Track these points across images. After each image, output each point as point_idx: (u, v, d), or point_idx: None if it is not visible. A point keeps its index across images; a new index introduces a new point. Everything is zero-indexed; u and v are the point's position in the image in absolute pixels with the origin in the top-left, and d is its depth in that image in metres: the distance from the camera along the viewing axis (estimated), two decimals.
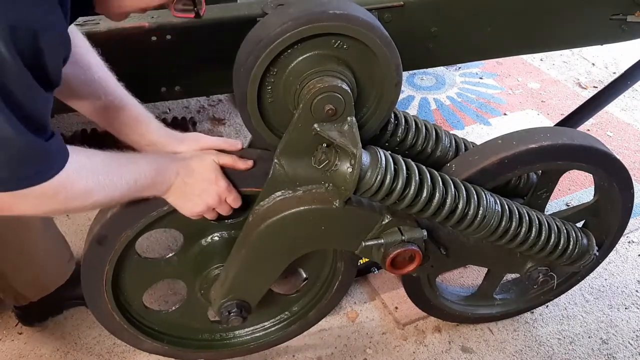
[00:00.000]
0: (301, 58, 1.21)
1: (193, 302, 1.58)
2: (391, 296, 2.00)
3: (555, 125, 2.06)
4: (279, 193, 1.32)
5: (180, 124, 2.63)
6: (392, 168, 1.24)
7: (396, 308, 1.96)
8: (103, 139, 2.51)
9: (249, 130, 1.32)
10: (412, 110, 3.04)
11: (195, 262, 1.50)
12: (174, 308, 1.63)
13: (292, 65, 1.22)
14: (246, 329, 1.72)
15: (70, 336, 1.85)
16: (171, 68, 1.35)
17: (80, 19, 1.29)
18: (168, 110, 2.87)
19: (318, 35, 1.18)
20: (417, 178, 1.27)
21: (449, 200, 1.31)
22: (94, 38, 1.27)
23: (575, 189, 2.55)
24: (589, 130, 2.94)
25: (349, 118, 1.23)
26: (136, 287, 1.52)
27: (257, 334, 1.73)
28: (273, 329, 1.73)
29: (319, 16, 1.16)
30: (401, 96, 3.17)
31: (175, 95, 1.40)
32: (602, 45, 1.73)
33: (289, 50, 1.20)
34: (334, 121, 1.22)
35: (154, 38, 1.30)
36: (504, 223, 1.40)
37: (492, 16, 1.50)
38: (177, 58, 1.34)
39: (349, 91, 1.20)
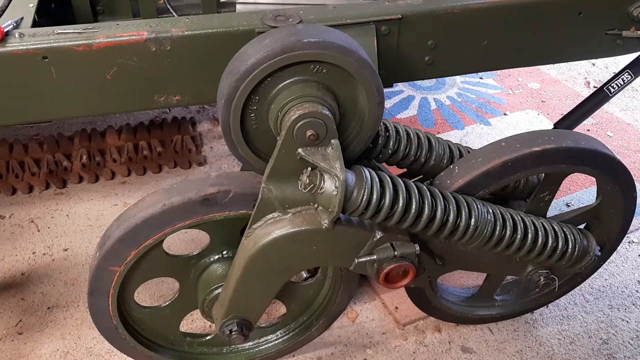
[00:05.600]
0: (281, 85, 1.23)
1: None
2: (391, 296, 2.00)
3: (554, 125, 2.05)
4: (270, 215, 1.33)
5: (180, 124, 2.64)
6: (378, 187, 1.25)
7: (396, 308, 1.96)
8: (104, 139, 2.52)
9: (236, 157, 1.33)
10: (412, 110, 3.04)
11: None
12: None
13: (273, 92, 1.23)
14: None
15: (70, 336, 1.85)
16: (169, 78, 1.36)
17: (79, 27, 1.30)
18: (168, 111, 2.87)
19: (296, 63, 1.19)
20: (405, 194, 1.28)
21: (438, 214, 1.31)
22: (92, 46, 1.28)
23: (575, 188, 2.55)
24: (588, 130, 2.94)
25: (332, 141, 1.24)
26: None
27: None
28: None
29: (294, 45, 1.16)
30: (401, 96, 3.17)
31: (173, 104, 1.41)
32: (597, 59, 1.75)
33: (268, 79, 1.21)
34: (318, 145, 1.23)
35: (152, 48, 1.30)
36: (497, 232, 1.40)
37: (488, 30, 1.52)
38: (175, 68, 1.35)
39: (330, 115, 1.21)
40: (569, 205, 2.46)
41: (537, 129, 2.86)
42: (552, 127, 2.05)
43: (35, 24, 1.39)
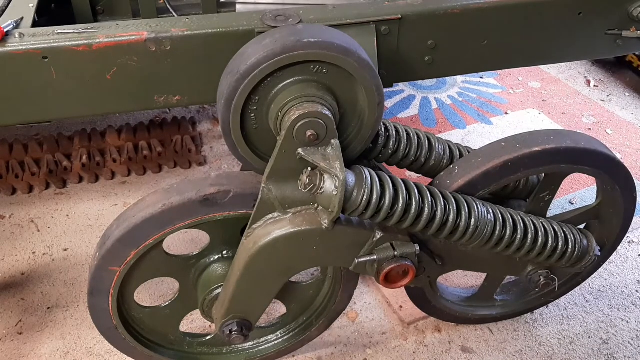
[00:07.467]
0: (281, 85, 1.23)
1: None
2: (395, 295, 2.00)
3: None
4: (270, 215, 1.33)
5: (180, 124, 2.64)
6: (378, 186, 1.25)
7: (400, 307, 1.96)
8: (104, 139, 2.52)
9: (236, 157, 1.33)
10: (414, 110, 3.04)
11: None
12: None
13: (273, 92, 1.23)
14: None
15: (70, 336, 1.85)
16: (170, 78, 1.36)
17: (79, 27, 1.29)
18: (168, 111, 2.87)
19: (296, 63, 1.19)
20: (405, 194, 1.28)
21: (438, 214, 1.31)
22: (92, 46, 1.27)
23: (577, 187, 2.55)
24: (590, 129, 2.94)
25: (332, 141, 1.24)
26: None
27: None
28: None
29: (294, 45, 1.16)
30: (402, 95, 3.16)
31: (173, 104, 1.41)
32: (596, 59, 1.76)
33: (268, 79, 1.21)
34: (318, 145, 1.23)
35: (152, 48, 1.30)
36: (497, 232, 1.40)
37: (488, 30, 1.53)
38: (175, 68, 1.35)
39: (330, 116, 1.21)
40: (572, 203, 2.46)
41: (539, 128, 2.86)
42: None
43: (35, 24, 1.39)
